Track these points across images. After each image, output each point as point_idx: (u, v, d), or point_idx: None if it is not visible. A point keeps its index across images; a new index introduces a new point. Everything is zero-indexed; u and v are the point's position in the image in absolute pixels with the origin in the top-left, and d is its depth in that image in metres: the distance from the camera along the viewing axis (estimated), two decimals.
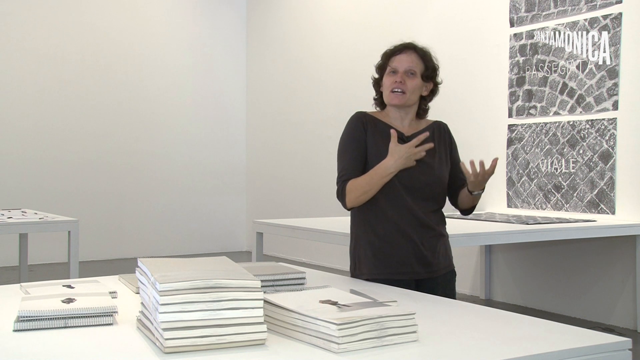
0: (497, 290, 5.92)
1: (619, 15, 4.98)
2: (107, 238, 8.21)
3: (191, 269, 1.55)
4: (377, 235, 2.50)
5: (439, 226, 2.56)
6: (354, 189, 2.47)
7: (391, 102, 2.51)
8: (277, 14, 8.76)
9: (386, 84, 2.52)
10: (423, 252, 2.49)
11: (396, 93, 2.49)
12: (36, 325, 1.60)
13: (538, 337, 1.63)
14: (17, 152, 7.74)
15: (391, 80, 2.50)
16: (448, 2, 6.40)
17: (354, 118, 2.57)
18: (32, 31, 7.85)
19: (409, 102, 2.52)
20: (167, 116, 8.67)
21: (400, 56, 2.52)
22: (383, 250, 2.48)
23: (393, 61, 2.52)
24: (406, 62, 2.50)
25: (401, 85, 2.48)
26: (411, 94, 2.50)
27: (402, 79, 2.48)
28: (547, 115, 5.48)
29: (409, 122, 2.57)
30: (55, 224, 4.46)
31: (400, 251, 2.47)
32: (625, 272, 4.99)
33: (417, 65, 2.51)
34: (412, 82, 2.49)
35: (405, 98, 2.49)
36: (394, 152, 2.38)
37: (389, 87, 2.50)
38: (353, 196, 2.48)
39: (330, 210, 7.41)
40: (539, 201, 5.54)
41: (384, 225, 2.48)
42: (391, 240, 2.48)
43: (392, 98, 2.50)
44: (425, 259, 2.49)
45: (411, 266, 2.47)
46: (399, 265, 2.47)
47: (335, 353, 1.43)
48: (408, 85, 2.48)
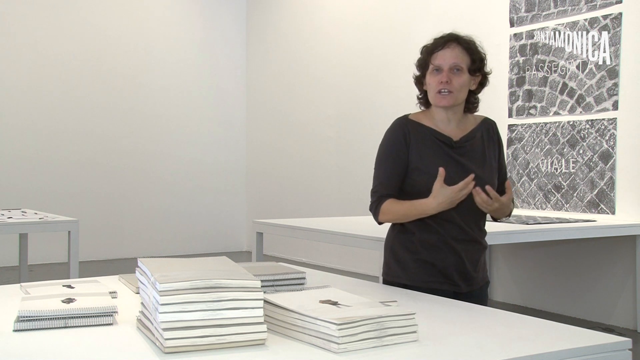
0: (497, 290, 5.92)
1: (619, 15, 4.98)
2: (107, 238, 8.21)
3: (191, 269, 1.55)
4: (421, 242, 2.35)
5: (482, 239, 2.44)
6: (388, 212, 2.34)
7: (439, 104, 2.33)
8: (277, 14, 8.76)
9: (431, 84, 2.33)
10: (466, 265, 2.36)
11: (443, 94, 2.30)
12: (36, 325, 1.60)
13: (538, 337, 1.63)
14: (17, 152, 7.74)
15: (436, 80, 2.31)
16: (448, 2, 6.40)
17: (395, 126, 2.39)
18: (33, 31, 7.85)
19: (457, 102, 2.34)
20: (167, 116, 8.67)
21: (444, 52, 2.30)
22: (425, 259, 2.34)
23: (436, 58, 2.31)
24: (450, 58, 2.30)
25: (447, 85, 2.29)
26: (459, 92, 2.31)
27: (448, 78, 2.29)
28: (547, 115, 5.48)
29: (457, 122, 2.39)
30: (55, 224, 4.46)
31: (442, 262, 2.33)
32: (625, 272, 4.99)
33: (462, 60, 2.31)
34: (459, 79, 2.30)
35: (453, 98, 2.31)
36: (438, 195, 2.20)
37: (435, 88, 2.31)
38: (385, 218, 2.37)
39: (331, 210, 7.42)
40: (539, 201, 5.54)
41: (428, 234, 2.33)
42: (435, 249, 2.34)
43: (439, 100, 2.32)
44: (468, 274, 2.37)
45: (451, 278, 2.35)
46: (439, 275, 2.34)
47: (335, 353, 1.43)
48: (455, 84, 2.29)
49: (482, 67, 2.38)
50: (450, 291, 2.34)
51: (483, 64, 2.38)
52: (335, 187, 7.73)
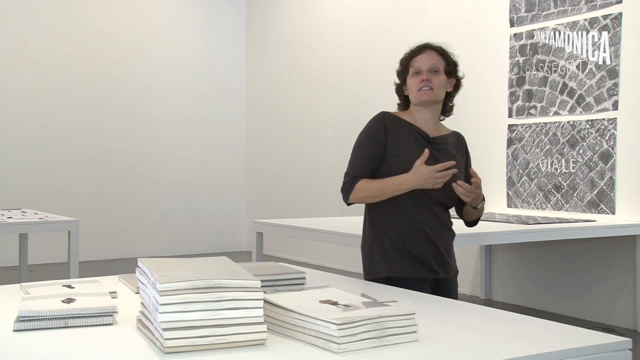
0: (497, 290, 5.92)
1: (619, 15, 4.98)
2: (107, 238, 8.21)
3: (191, 269, 1.55)
4: (399, 234, 2.49)
5: (451, 226, 2.60)
6: (364, 189, 2.47)
7: (421, 98, 2.52)
8: (277, 14, 8.76)
9: (412, 84, 2.54)
10: (442, 252, 2.52)
11: (424, 90, 2.51)
12: (36, 325, 1.60)
13: (538, 337, 1.63)
14: (17, 152, 7.74)
15: (417, 80, 2.53)
16: (448, 2, 6.40)
17: (377, 118, 2.57)
18: (32, 31, 7.85)
19: (437, 98, 2.54)
20: (167, 116, 8.67)
21: (421, 56, 2.55)
22: (405, 248, 2.48)
23: (415, 62, 2.55)
24: (428, 60, 2.53)
25: (428, 83, 2.50)
26: (438, 89, 2.52)
27: (428, 77, 2.51)
28: (547, 115, 5.48)
29: (434, 123, 2.59)
30: (55, 224, 4.46)
31: (421, 250, 2.48)
32: (625, 272, 4.99)
33: (439, 62, 2.54)
34: (438, 78, 2.52)
35: (434, 94, 2.51)
36: (417, 171, 2.39)
37: (416, 87, 2.52)
38: (359, 196, 2.49)
39: (331, 210, 7.42)
40: (539, 201, 5.54)
41: (406, 223, 2.48)
42: (413, 239, 2.48)
43: (421, 95, 2.51)
44: (444, 260, 2.53)
45: (431, 265, 2.49)
46: (420, 264, 2.48)
47: (335, 353, 1.43)
48: (434, 82, 2.51)
49: (456, 71, 2.61)
50: (431, 278, 2.50)
51: (456, 68, 2.61)
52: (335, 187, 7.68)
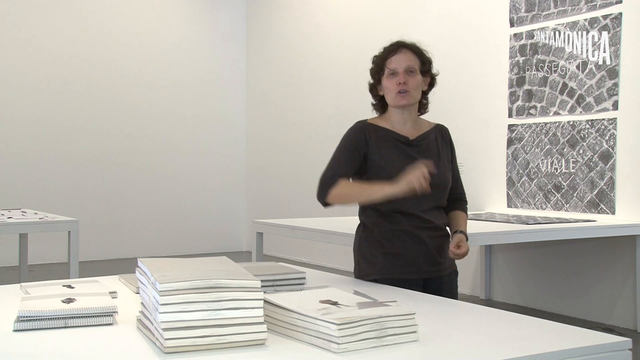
0: (497, 290, 5.92)
1: (619, 15, 4.98)
2: (107, 238, 8.21)
3: (191, 269, 1.55)
4: (385, 236, 2.49)
5: (443, 226, 2.58)
6: (346, 189, 2.45)
7: (399, 103, 2.49)
8: (277, 14, 8.76)
9: (389, 86, 2.50)
10: (431, 251, 2.50)
11: (402, 94, 2.47)
12: (36, 325, 1.60)
13: (538, 337, 1.63)
14: (17, 152, 7.74)
15: (393, 82, 2.48)
16: (448, 2, 6.40)
17: (355, 129, 2.54)
18: (32, 31, 7.85)
19: (415, 100, 2.52)
20: (167, 116, 8.67)
21: (397, 57, 2.51)
22: (392, 251, 2.48)
23: (390, 62, 2.51)
24: (404, 61, 2.49)
25: (405, 86, 2.47)
26: (415, 91, 2.50)
27: (405, 79, 2.47)
28: (547, 115, 5.48)
29: (412, 123, 2.56)
30: (55, 224, 4.46)
31: (409, 251, 2.47)
32: (625, 272, 4.99)
33: (415, 62, 2.50)
34: (414, 79, 2.49)
35: (411, 97, 2.49)
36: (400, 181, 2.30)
37: (394, 90, 2.48)
38: (339, 194, 2.45)
39: (330, 211, 7.41)
40: (539, 201, 5.54)
41: (392, 226, 2.48)
42: (400, 240, 2.47)
43: (399, 100, 2.48)
44: (434, 259, 2.51)
45: (419, 266, 2.48)
46: (408, 265, 2.47)
47: (335, 353, 1.43)
48: (410, 84, 2.47)
49: (430, 68, 2.57)
50: (420, 279, 2.48)
51: (431, 66, 2.57)
52: None
